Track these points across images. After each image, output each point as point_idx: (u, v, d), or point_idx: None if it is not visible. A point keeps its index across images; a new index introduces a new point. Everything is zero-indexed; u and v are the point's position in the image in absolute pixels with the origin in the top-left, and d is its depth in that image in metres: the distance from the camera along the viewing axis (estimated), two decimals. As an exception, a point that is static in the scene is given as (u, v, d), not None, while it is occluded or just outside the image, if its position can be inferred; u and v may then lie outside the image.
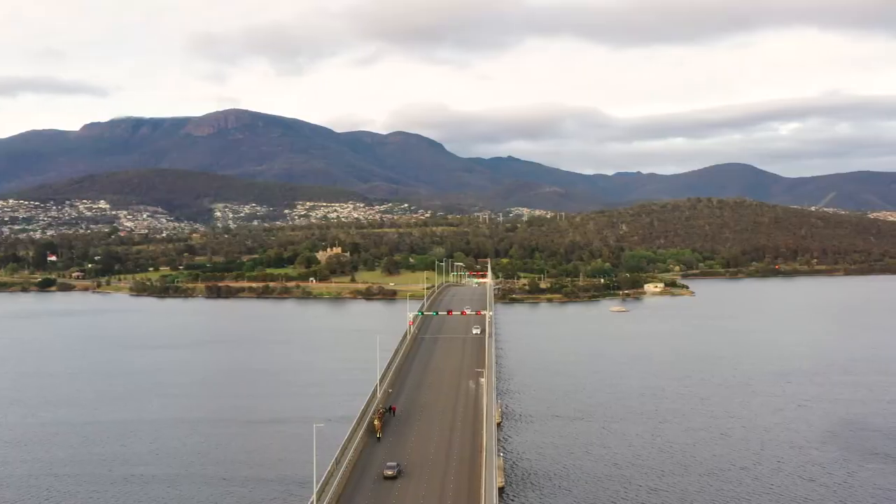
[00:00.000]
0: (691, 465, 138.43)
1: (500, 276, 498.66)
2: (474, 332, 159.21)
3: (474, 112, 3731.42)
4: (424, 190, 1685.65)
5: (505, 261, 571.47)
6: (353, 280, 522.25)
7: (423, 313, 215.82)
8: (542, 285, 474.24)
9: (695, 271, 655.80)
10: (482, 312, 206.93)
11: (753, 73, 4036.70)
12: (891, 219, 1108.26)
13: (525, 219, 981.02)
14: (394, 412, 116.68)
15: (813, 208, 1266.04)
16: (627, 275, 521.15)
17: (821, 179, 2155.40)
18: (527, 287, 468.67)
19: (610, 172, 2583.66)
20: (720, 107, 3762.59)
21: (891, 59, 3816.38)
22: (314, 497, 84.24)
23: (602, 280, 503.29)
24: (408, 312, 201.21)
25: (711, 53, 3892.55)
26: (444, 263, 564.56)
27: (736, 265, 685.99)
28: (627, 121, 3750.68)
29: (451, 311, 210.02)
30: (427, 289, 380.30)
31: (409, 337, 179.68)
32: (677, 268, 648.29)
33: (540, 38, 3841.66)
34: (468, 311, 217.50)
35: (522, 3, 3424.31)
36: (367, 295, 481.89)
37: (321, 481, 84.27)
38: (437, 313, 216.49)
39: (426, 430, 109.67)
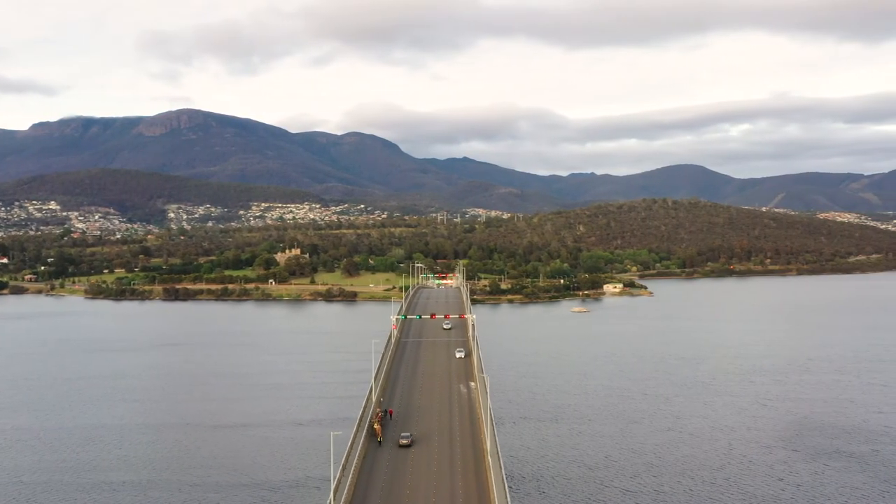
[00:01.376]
0: (663, 466, 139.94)
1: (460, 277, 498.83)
2: (458, 356, 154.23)
3: (429, 113, 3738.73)
4: (380, 191, 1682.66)
5: (464, 262, 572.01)
6: (312, 282, 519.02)
7: (406, 317, 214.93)
8: (503, 286, 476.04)
9: (652, 272, 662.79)
10: (464, 316, 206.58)
11: (704, 75, 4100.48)
12: (839, 219, 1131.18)
13: (483, 220, 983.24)
14: (391, 416, 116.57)
15: (764, 209, 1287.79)
16: (587, 275, 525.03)
17: (770, 180, 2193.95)
18: (487, 288, 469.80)
19: (564, 173, 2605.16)
20: (672, 108, 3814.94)
21: (838, 62, 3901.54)
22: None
23: (562, 281, 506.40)
24: (391, 316, 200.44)
25: (663, 55, 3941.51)
26: (403, 265, 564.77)
27: (692, 265, 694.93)
28: (581, 122, 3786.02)
29: (434, 315, 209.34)
30: (399, 289, 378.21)
31: (393, 340, 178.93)
32: (634, 268, 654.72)
33: (494, 39, 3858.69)
34: (452, 315, 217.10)
35: (476, 3, 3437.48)
36: (328, 297, 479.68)
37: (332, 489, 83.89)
38: (420, 317, 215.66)
39: (427, 433, 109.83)
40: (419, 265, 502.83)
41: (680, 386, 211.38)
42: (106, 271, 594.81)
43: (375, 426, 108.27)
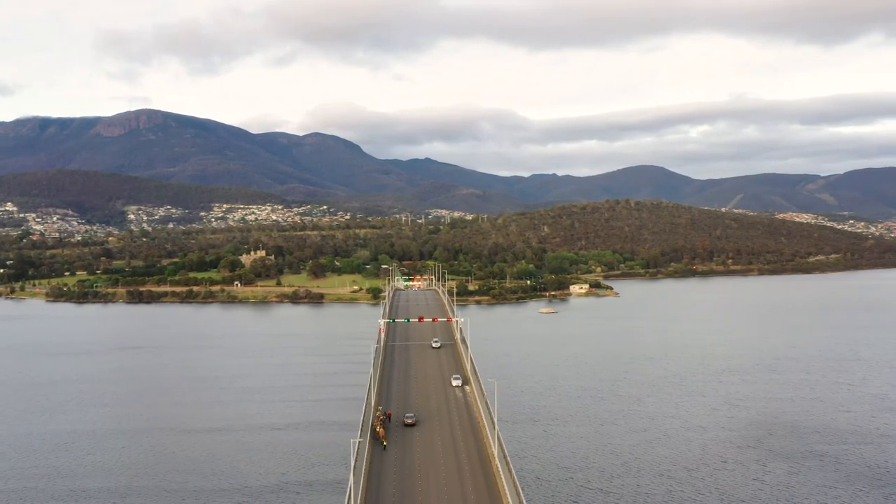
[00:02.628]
0: (640, 467, 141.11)
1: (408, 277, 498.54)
2: (454, 384, 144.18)
3: (391, 113, 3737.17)
4: (342, 192, 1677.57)
5: (430, 263, 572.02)
6: (278, 283, 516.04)
7: (394, 320, 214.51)
8: (471, 287, 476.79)
9: (616, 272, 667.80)
10: (452, 319, 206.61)
11: (665, 76, 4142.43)
12: (797, 220, 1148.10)
13: (447, 221, 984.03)
14: (389, 419, 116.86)
15: (724, 209, 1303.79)
16: (553, 276, 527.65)
17: (729, 181, 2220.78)
18: (455, 289, 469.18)
19: (526, 174, 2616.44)
20: (632, 110, 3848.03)
21: (796, 65, 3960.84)
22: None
23: (528, 282, 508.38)
24: (379, 320, 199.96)
25: (624, 57, 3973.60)
26: (370, 266, 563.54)
27: (655, 266, 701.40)
28: (542, 123, 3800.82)
29: (422, 318, 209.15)
30: (366, 291, 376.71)
31: (382, 344, 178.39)
32: (599, 269, 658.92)
33: (456, 40, 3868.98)
34: (439, 319, 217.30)
35: (438, 4, 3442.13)
36: (294, 298, 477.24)
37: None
38: (408, 320, 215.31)
39: (428, 436, 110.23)
40: (392, 268, 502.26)
41: (651, 386, 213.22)
42: (67, 274, 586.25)
43: (378, 429, 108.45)
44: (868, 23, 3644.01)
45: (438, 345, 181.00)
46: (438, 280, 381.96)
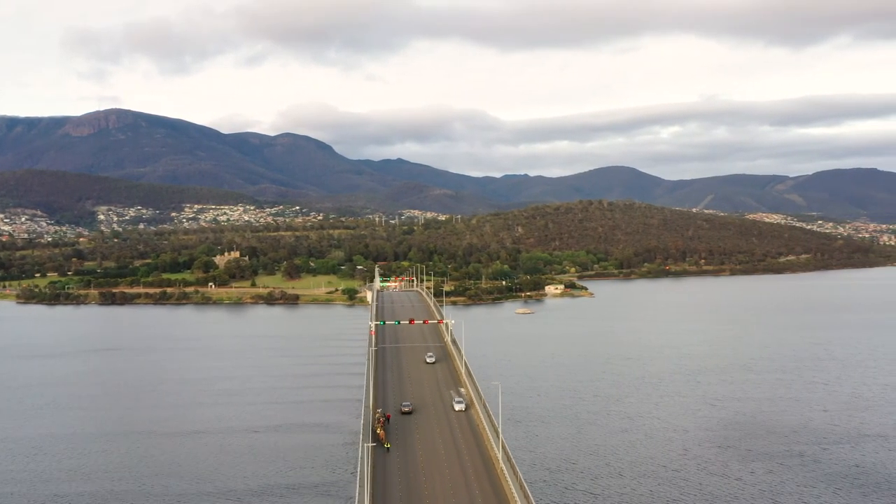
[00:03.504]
0: (623, 468, 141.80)
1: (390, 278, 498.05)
2: (457, 407, 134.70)
3: (363, 114, 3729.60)
4: (314, 192, 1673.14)
5: (405, 263, 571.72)
6: (253, 285, 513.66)
7: (385, 322, 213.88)
8: (446, 288, 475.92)
9: (590, 272, 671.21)
10: (443, 321, 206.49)
11: (636, 77, 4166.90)
12: (767, 220, 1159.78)
13: (421, 221, 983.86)
14: (389, 420, 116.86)
15: (694, 210, 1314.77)
16: (528, 277, 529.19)
17: (699, 182, 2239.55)
18: (430, 290, 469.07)
19: (498, 174, 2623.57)
20: (604, 111, 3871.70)
21: (765, 67, 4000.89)
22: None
23: (504, 282, 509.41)
24: (369, 322, 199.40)
25: (596, 58, 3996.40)
26: (345, 267, 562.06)
27: (629, 266, 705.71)
28: (514, 124, 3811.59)
29: (412, 320, 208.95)
30: (341, 292, 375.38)
31: (373, 347, 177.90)
32: (573, 269, 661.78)
33: (428, 40, 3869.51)
34: (429, 321, 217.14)
35: (410, 4, 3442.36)
36: (269, 300, 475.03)
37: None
38: (398, 322, 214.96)
39: (430, 438, 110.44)
40: (360, 267, 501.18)
41: (629, 386, 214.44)
42: (38, 275, 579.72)
43: (379, 431, 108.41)
44: (836, 25, 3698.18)
45: (433, 360, 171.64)
46: (419, 281, 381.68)
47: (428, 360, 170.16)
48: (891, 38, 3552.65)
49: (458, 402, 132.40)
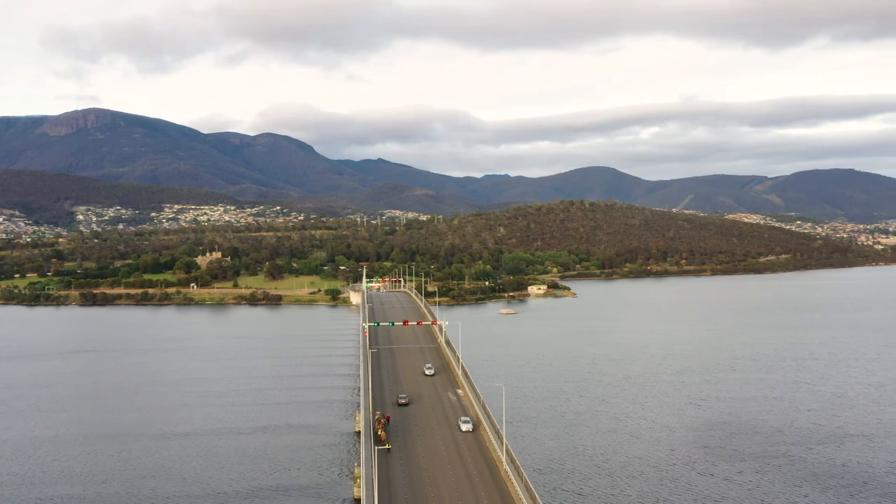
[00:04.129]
0: (612, 468, 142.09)
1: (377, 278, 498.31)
2: (464, 428, 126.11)
3: (344, 114, 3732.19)
4: (295, 192, 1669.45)
5: (388, 264, 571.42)
6: (235, 285, 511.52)
7: (378, 324, 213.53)
8: (430, 288, 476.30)
9: (572, 273, 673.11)
10: (437, 322, 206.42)
11: (617, 78, 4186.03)
12: (746, 220, 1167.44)
13: (403, 221, 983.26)
14: (388, 421, 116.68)
15: (674, 210, 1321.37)
16: (511, 277, 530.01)
17: (679, 182, 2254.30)
18: (419, 291, 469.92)
19: (479, 175, 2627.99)
20: (585, 111, 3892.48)
21: (744, 68, 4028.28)
22: None
23: (487, 283, 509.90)
24: (363, 324, 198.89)
25: (577, 59, 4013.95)
26: (327, 267, 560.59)
27: (611, 266, 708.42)
28: (495, 124, 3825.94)
29: (406, 322, 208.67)
30: (324, 293, 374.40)
31: (368, 349, 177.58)
32: (555, 269, 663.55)
33: (409, 40, 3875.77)
34: (423, 322, 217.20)
35: (391, 4, 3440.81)
36: (252, 300, 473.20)
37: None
38: (392, 324, 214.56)
39: (431, 440, 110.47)
40: (342, 267, 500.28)
41: (615, 387, 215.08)
42: (17, 276, 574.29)
43: (380, 433, 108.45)
44: (814, 27, 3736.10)
45: (432, 372, 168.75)
46: (405, 281, 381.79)
47: (427, 373, 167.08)
48: (868, 40, 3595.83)
49: (465, 423, 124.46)
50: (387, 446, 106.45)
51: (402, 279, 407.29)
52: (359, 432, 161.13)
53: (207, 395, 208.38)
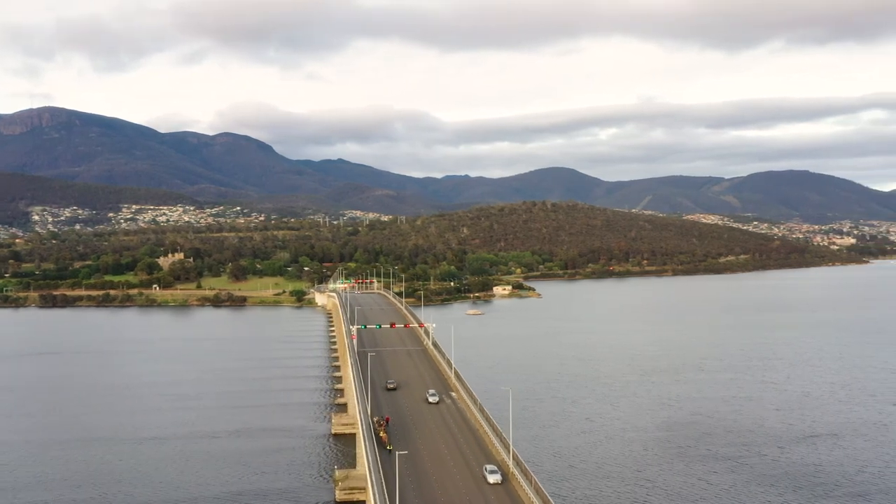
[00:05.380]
0: (587, 469, 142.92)
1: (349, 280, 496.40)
2: (491, 480, 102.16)
3: (304, 114, 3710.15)
4: (254, 192, 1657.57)
5: (352, 265, 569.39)
6: (199, 287, 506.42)
7: (366, 326, 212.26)
8: (395, 289, 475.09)
9: (535, 273, 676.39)
10: (424, 325, 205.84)
11: (576, 79, 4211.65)
12: (705, 221, 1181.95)
13: (366, 222, 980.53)
14: (388, 423, 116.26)
15: (634, 210, 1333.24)
16: (476, 278, 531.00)
17: (637, 183, 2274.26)
18: (392, 292, 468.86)
19: (439, 175, 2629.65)
20: (545, 112, 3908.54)
21: (702, 70, 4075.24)
22: None
23: (452, 283, 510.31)
24: (351, 326, 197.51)
25: (537, 60, 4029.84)
26: (291, 269, 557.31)
27: (573, 267, 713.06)
28: (455, 124, 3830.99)
29: (394, 324, 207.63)
30: (289, 294, 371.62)
31: (356, 352, 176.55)
32: (519, 270, 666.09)
33: (369, 40, 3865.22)
34: (410, 325, 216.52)
35: (351, 3, 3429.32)
36: (216, 302, 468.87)
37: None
38: (380, 326, 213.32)
39: (431, 440, 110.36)
40: (306, 268, 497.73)
41: (585, 388, 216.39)
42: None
43: (381, 434, 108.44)
44: (770, 30, 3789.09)
45: (436, 400, 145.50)
46: (380, 281, 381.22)
47: (430, 400, 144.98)
48: (823, 44, 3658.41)
49: (493, 473, 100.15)
50: (388, 448, 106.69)
51: (374, 280, 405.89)
52: (336, 435, 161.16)
53: (178, 398, 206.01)
